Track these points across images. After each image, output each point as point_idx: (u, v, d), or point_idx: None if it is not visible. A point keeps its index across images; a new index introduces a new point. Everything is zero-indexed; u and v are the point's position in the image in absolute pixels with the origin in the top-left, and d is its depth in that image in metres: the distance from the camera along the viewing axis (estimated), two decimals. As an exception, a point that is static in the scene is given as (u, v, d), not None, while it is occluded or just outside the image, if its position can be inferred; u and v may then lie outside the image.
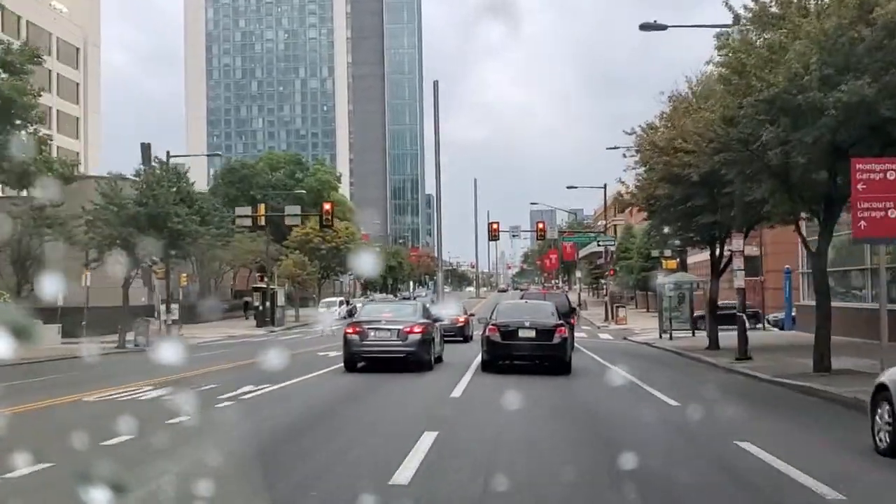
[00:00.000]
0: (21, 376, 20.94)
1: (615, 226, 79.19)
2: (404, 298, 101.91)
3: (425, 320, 21.78)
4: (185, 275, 53.48)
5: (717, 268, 27.78)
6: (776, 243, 56.99)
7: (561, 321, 21.71)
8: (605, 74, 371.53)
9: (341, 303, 66.33)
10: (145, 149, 47.55)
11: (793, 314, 39.71)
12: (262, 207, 41.46)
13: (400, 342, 20.62)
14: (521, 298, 33.88)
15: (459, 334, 31.76)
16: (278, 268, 68.06)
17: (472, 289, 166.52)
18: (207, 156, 43.27)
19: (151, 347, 34.46)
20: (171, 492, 7.53)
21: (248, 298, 69.00)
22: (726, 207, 25.33)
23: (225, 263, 66.39)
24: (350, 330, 21.16)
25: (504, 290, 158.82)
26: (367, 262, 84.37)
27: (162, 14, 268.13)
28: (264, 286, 57.26)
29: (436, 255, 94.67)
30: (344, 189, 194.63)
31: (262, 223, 42.16)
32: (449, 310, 32.65)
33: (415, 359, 20.61)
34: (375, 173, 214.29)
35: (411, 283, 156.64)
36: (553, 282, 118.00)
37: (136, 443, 10.20)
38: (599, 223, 68.02)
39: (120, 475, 7.35)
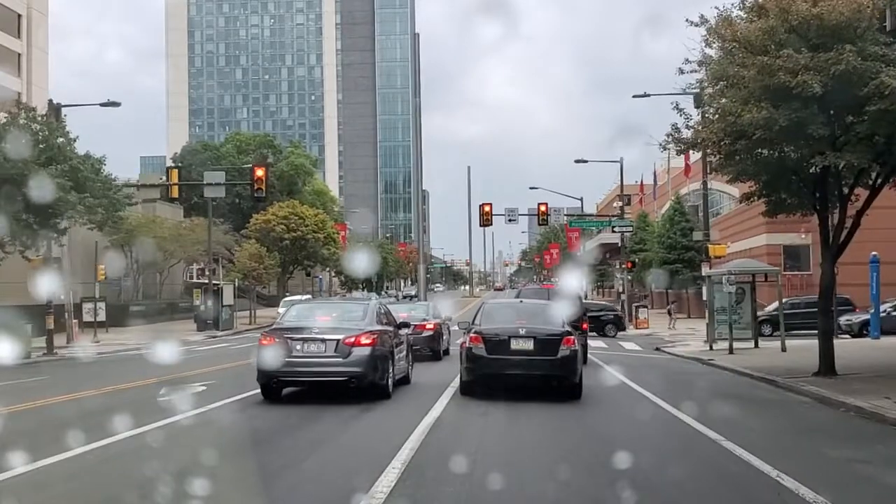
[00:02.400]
0: None
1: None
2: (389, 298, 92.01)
3: (380, 327, 14.96)
4: (102, 266, 43.22)
5: (836, 242, 17.55)
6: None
7: (568, 328, 15.25)
8: (607, 74, 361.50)
9: (306, 302, 56.10)
10: (54, 109, 37.65)
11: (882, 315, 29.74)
12: (173, 173, 31.20)
13: (339, 359, 13.90)
14: (517, 297, 23.85)
15: (426, 346, 21.54)
16: (235, 261, 57.92)
17: (467, 287, 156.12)
18: (102, 105, 33.65)
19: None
20: None
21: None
22: (863, 141, 15.22)
23: (169, 254, 56.09)
24: (266, 341, 14.37)
25: (501, 289, 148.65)
26: (343, 256, 74.28)
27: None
28: (205, 282, 46.98)
29: (422, 246, 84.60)
30: (333, 181, 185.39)
31: (174, 194, 31.92)
32: (414, 312, 22.43)
33: (362, 383, 14.01)
34: (366, 167, 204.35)
35: (402, 281, 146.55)
36: (552, 279, 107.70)
37: None
38: (615, 203, 57.82)
39: None
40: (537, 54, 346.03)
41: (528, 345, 14.49)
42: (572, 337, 14.76)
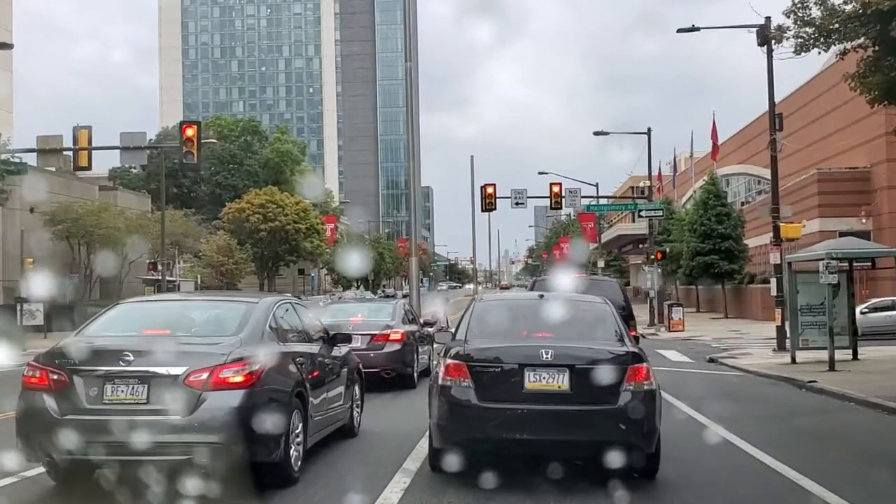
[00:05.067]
0: None
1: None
2: (386, 297, 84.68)
3: (273, 348, 7.71)
4: (30, 259, 36.24)
5: None
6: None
7: (633, 347, 8.02)
8: (612, 73, 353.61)
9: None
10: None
11: None
12: (82, 135, 24.11)
13: (177, 418, 6.66)
14: (532, 289, 16.70)
15: (390, 367, 14.11)
16: (201, 255, 50.82)
17: (470, 285, 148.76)
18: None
19: None
20: None
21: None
22: None
23: (127, 247, 48.95)
24: (35, 379, 7.00)
25: (507, 288, 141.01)
26: (332, 251, 67.21)
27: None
28: (158, 278, 39.94)
29: (414, 236, 77.84)
30: (332, 176, 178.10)
31: (83, 162, 24.84)
32: (371, 315, 15.11)
33: (231, 458, 6.70)
34: (367, 162, 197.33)
35: (402, 280, 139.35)
36: (549, 274, 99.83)
37: None
38: (642, 183, 50.34)
39: None
40: (546, 52, 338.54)
41: (559, 379, 7.46)
42: (644, 364, 7.64)
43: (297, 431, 7.60)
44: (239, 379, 6.90)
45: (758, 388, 16.09)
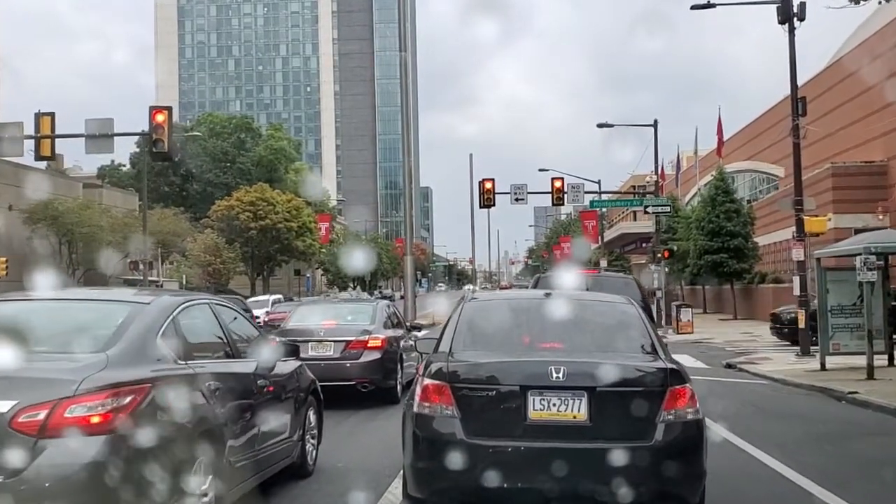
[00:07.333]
0: None
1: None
2: (384, 297, 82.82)
3: (165, 370, 5.29)
4: (3, 259, 34.35)
5: None
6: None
7: (669, 362, 5.86)
8: (614, 72, 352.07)
9: (275, 303, 47.36)
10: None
11: None
12: (45, 121, 22.22)
13: None
14: (535, 287, 14.83)
15: (364, 378, 12.12)
16: (188, 254, 48.87)
17: (470, 286, 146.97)
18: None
19: None
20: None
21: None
22: None
23: (110, 246, 47.05)
24: None
25: (506, 289, 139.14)
26: (327, 251, 65.31)
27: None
28: (139, 278, 38.07)
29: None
30: (330, 176, 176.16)
31: (46, 152, 22.87)
32: (344, 319, 13.02)
33: None
34: (365, 162, 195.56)
35: (401, 280, 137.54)
36: (550, 271, 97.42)
37: None
38: (649, 178, 48.32)
39: None
40: (548, 51, 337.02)
41: (575, 407, 5.67)
42: (687, 386, 5.78)
43: (203, 488, 5.41)
44: (96, 419, 4.69)
45: (791, 401, 14.17)
